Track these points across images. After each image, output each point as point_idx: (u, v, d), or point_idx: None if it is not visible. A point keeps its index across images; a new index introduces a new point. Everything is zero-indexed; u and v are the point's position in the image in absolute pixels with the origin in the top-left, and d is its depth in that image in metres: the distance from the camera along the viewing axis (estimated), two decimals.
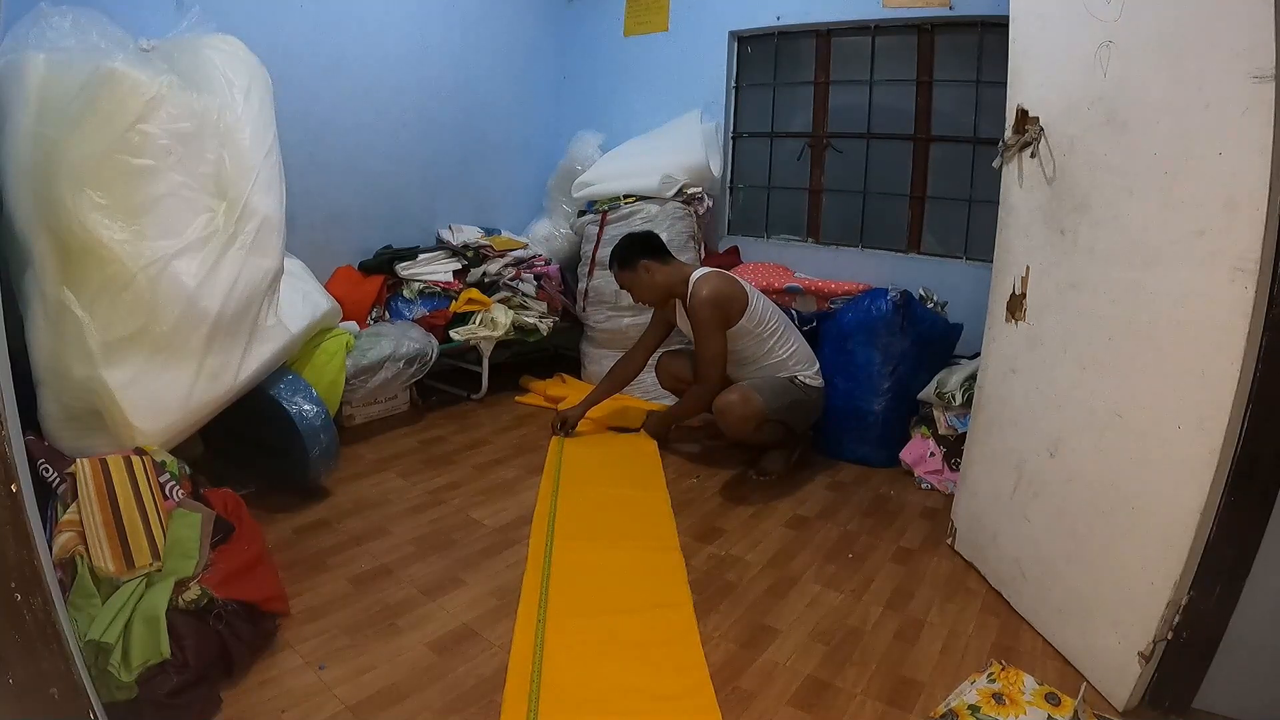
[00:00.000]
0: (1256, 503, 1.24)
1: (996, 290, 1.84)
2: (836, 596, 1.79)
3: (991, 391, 1.89)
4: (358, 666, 1.46)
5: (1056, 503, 1.61)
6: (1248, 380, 1.19)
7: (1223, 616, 1.31)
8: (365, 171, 3.05)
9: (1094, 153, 1.49)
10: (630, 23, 3.63)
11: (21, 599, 0.91)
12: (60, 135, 1.64)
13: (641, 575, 1.85)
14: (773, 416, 2.35)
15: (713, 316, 2.36)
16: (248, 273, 1.88)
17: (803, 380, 2.44)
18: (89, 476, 1.44)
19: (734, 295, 2.40)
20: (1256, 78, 1.12)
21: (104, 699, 1.16)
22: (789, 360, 2.45)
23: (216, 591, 1.40)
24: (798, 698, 1.43)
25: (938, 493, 2.40)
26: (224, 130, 1.90)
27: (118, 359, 1.67)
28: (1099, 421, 1.48)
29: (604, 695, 1.42)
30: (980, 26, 2.71)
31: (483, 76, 3.47)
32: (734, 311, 2.39)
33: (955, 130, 2.87)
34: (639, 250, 2.53)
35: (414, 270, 3.03)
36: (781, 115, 3.32)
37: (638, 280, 2.51)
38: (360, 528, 2.03)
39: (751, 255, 3.35)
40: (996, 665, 1.44)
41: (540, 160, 3.78)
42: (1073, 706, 1.31)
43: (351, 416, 2.72)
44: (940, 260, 2.94)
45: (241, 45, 2.06)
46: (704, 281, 2.40)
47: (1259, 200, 1.13)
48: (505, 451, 2.64)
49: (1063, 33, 1.57)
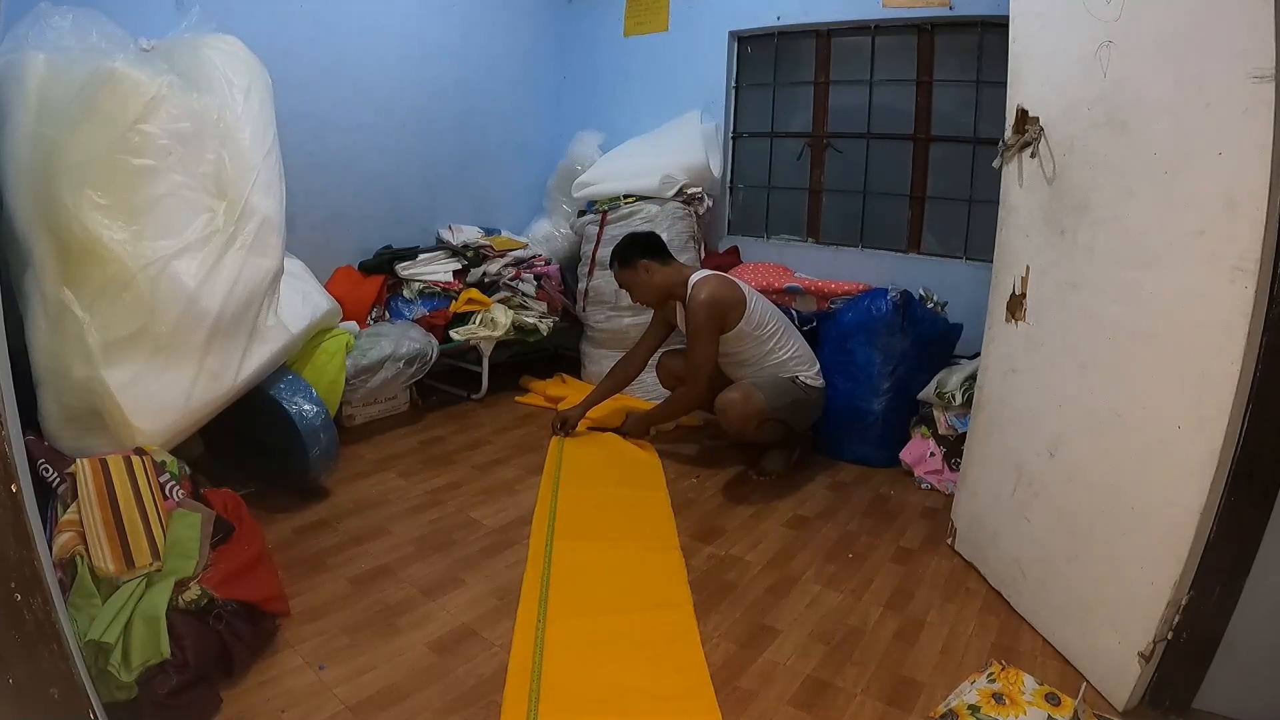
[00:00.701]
0: (1256, 503, 1.24)
1: (996, 290, 1.84)
2: (836, 596, 1.79)
3: (991, 391, 1.89)
4: (358, 666, 1.46)
5: (1056, 503, 1.61)
6: (1248, 380, 1.18)
7: (1223, 616, 1.31)
8: (365, 171, 3.05)
9: (1094, 153, 1.49)
10: (630, 23, 3.63)
11: (21, 599, 0.91)
12: (60, 135, 1.64)
13: (641, 575, 1.85)
14: (774, 415, 2.35)
15: (707, 320, 2.37)
16: (248, 273, 1.88)
17: (804, 380, 2.44)
18: (89, 476, 1.44)
19: (731, 299, 2.39)
20: (1256, 78, 1.12)
21: (104, 699, 1.16)
22: (790, 361, 2.45)
23: (216, 591, 1.40)
24: (798, 698, 1.43)
25: (938, 493, 2.40)
26: (224, 130, 1.89)
27: (118, 359, 1.67)
28: (1099, 421, 1.48)
29: (604, 695, 1.42)
30: (980, 26, 2.71)
31: (482, 76, 3.47)
32: (730, 316, 2.39)
33: (955, 130, 2.87)
34: (639, 250, 2.53)
35: (414, 270, 3.03)
36: (781, 115, 3.32)
37: (637, 280, 2.52)
38: (360, 528, 2.03)
39: (751, 255, 3.34)
40: (996, 665, 1.44)
41: (540, 160, 3.78)
42: (1073, 706, 1.31)
43: (351, 416, 2.72)
44: (940, 260, 2.94)
45: (241, 45, 2.06)
46: (702, 284, 2.40)
47: (1259, 200, 1.13)
48: (505, 451, 2.64)
49: (1063, 32, 1.57)
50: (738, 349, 2.45)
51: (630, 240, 2.59)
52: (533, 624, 1.61)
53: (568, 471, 2.44)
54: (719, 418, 2.37)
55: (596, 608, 1.69)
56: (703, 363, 2.40)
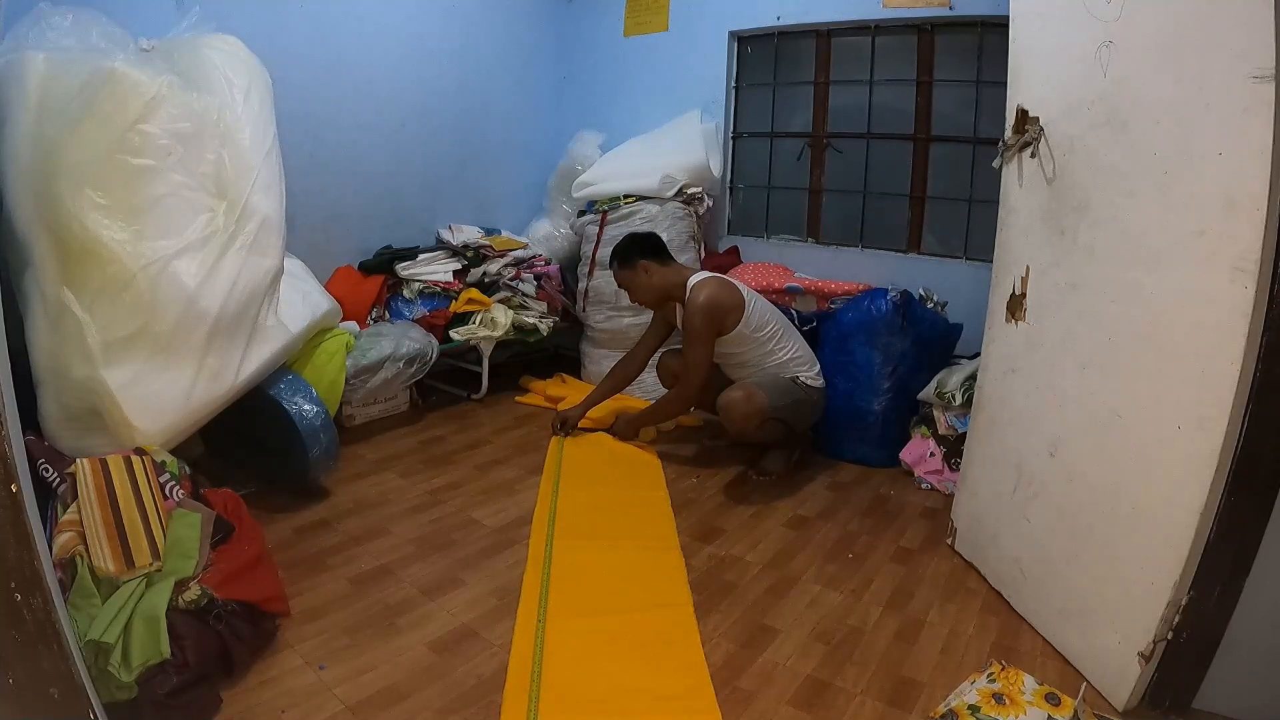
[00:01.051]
0: (1256, 503, 1.24)
1: (996, 290, 1.84)
2: (836, 596, 1.79)
3: (991, 391, 1.89)
4: (358, 666, 1.46)
5: (1056, 503, 1.61)
6: (1248, 380, 1.18)
7: (1223, 616, 1.31)
8: (365, 171, 3.05)
9: (1094, 153, 1.49)
10: (630, 23, 3.63)
11: (21, 599, 0.91)
12: (60, 135, 1.64)
13: (642, 575, 1.85)
14: (775, 415, 2.34)
15: (704, 323, 2.36)
16: (248, 273, 1.88)
17: (804, 380, 2.44)
18: (89, 476, 1.44)
19: (729, 302, 2.39)
20: (1256, 78, 1.12)
21: (104, 699, 1.16)
22: (790, 362, 2.45)
23: (216, 591, 1.40)
24: (798, 698, 1.43)
25: (938, 493, 2.40)
26: (224, 130, 1.89)
27: (118, 359, 1.67)
28: (1099, 421, 1.48)
29: (604, 695, 1.42)
30: (980, 26, 2.71)
31: (483, 76, 3.47)
32: (728, 319, 2.38)
33: (955, 130, 2.87)
34: (638, 250, 2.52)
35: (414, 270, 3.03)
36: (781, 115, 3.31)
37: (636, 280, 2.51)
38: (360, 528, 2.03)
39: (751, 255, 3.34)
40: (996, 665, 1.44)
41: (540, 160, 3.78)
42: (1073, 706, 1.31)
43: (351, 416, 2.72)
44: (940, 260, 2.94)
45: (241, 45, 2.06)
46: (701, 287, 2.40)
47: (1259, 200, 1.13)
48: (505, 451, 2.64)
49: (1063, 33, 1.57)
50: (737, 350, 2.45)
51: (630, 240, 2.59)
52: (533, 623, 1.62)
53: (568, 472, 2.44)
54: (721, 416, 2.36)
55: (596, 608, 1.69)
56: (696, 366, 2.40)
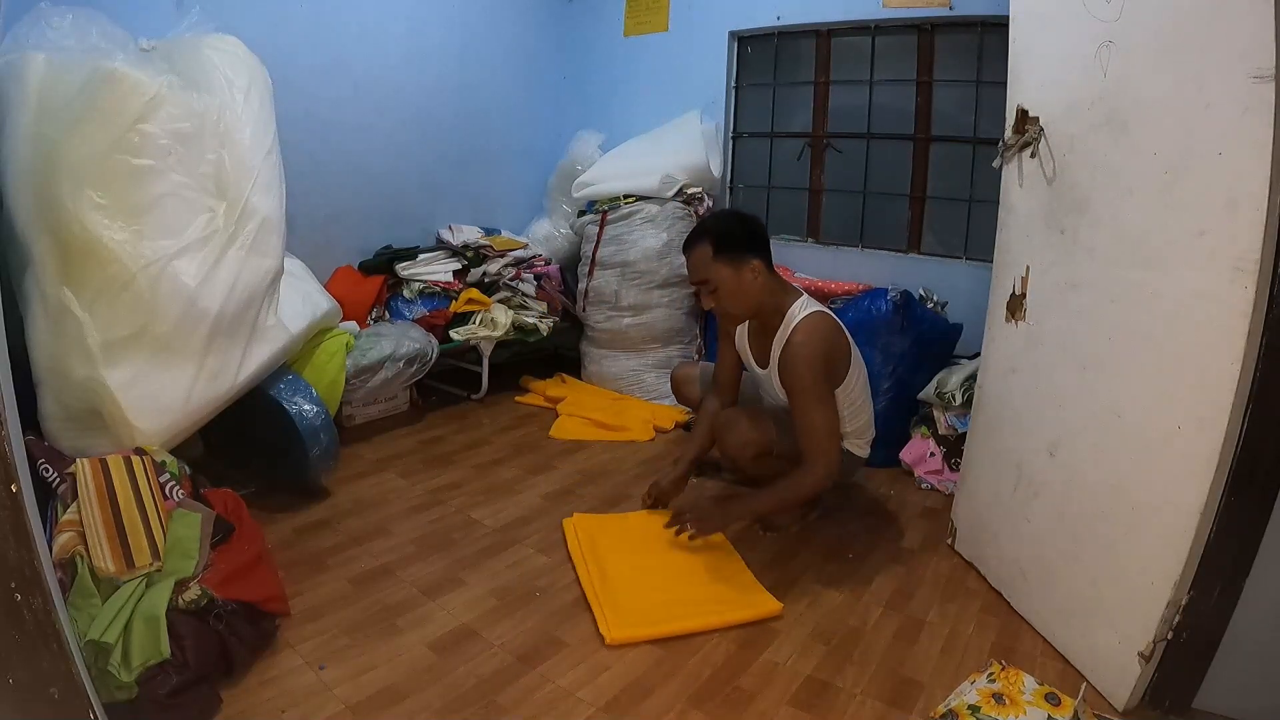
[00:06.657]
0: (1256, 503, 1.24)
1: (996, 290, 1.84)
2: (836, 596, 1.79)
3: (991, 391, 1.88)
4: (358, 666, 1.46)
5: (1056, 503, 1.61)
6: (1248, 380, 1.18)
7: (1223, 616, 1.31)
8: (365, 171, 3.05)
9: (1094, 153, 1.49)
10: (630, 23, 3.63)
11: (21, 599, 0.91)
12: (60, 135, 1.64)
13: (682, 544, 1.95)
14: (779, 454, 1.95)
15: (820, 377, 1.79)
16: (248, 273, 1.88)
17: (848, 449, 2.00)
18: (89, 476, 1.44)
19: (842, 351, 1.89)
20: (1256, 78, 1.12)
21: (104, 699, 1.16)
22: (851, 434, 2.00)
23: (216, 591, 1.40)
24: (798, 698, 1.43)
25: (938, 493, 2.40)
26: (224, 130, 1.89)
27: (118, 359, 1.67)
28: (1099, 421, 1.48)
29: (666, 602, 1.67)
30: (980, 26, 2.71)
31: (483, 76, 3.47)
32: (839, 371, 1.88)
33: (955, 130, 2.87)
34: (748, 242, 1.83)
35: (414, 270, 3.04)
36: (781, 115, 3.31)
37: (738, 282, 1.82)
38: (360, 528, 2.03)
39: None
40: (996, 665, 1.44)
41: (540, 160, 3.78)
42: (1073, 706, 1.31)
43: (351, 416, 2.72)
44: (940, 260, 2.94)
45: (241, 45, 2.06)
46: (812, 326, 1.81)
47: (1259, 200, 1.13)
48: (505, 451, 2.64)
49: (1063, 33, 1.57)
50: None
51: (738, 222, 1.87)
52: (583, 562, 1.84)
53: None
54: (717, 435, 2.06)
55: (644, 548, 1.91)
56: (826, 432, 1.78)
